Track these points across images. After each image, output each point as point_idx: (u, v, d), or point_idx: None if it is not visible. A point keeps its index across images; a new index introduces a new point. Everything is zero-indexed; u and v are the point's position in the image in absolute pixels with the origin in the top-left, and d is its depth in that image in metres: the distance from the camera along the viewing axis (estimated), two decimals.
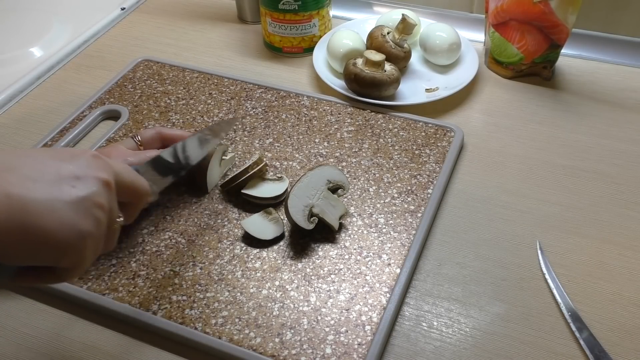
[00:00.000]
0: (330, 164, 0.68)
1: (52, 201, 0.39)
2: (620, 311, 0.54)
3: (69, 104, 0.80)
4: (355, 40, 0.81)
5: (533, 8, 0.74)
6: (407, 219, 0.62)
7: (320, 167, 0.62)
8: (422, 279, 0.58)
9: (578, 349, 0.52)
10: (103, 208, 0.42)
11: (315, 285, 0.56)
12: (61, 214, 0.39)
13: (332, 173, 0.62)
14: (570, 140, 0.72)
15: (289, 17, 0.84)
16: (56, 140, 0.73)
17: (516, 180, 0.67)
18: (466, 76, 0.79)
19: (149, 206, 0.64)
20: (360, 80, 0.75)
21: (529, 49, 0.78)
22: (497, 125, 0.75)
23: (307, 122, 0.74)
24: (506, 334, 0.53)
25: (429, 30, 0.83)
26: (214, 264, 0.59)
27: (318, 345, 0.52)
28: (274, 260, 0.59)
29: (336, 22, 0.93)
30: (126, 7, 1.01)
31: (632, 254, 0.59)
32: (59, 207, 0.39)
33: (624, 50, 0.85)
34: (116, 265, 0.59)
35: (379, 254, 0.59)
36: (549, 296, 0.56)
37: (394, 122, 0.74)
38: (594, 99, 0.78)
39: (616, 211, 0.63)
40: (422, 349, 0.53)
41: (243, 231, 0.61)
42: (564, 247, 0.60)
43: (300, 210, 0.58)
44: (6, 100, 0.82)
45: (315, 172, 0.61)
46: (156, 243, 0.61)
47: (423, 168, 0.67)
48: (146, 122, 0.75)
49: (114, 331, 0.55)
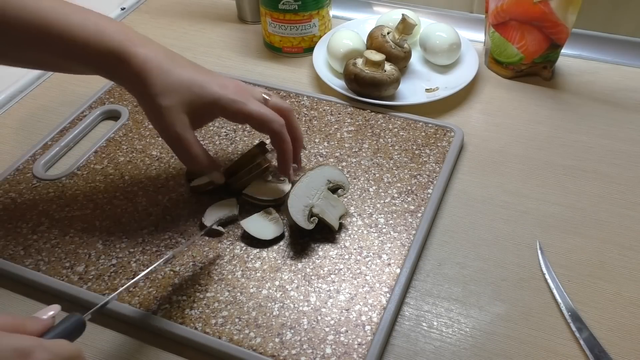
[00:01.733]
0: (330, 164, 0.68)
1: None
2: (620, 311, 0.54)
3: (69, 104, 0.80)
4: (355, 40, 0.81)
5: (533, 8, 0.74)
6: (407, 219, 0.62)
7: (321, 167, 0.62)
8: (422, 279, 0.58)
9: (578, 349, 0.52)
10: None
11: (315, 285, 0.56)
12: None
13: (332, 173, 0.62)
14: (570, 140, 0.72)
15: (289, 17, 0.84)
16: (56, 140, 0.73)
17: (516, 180, 0.67)
18: (466, 76, 0.79)
19: (150, 206, 0.64)
20: (360, 80, 0.75)
21: (529, 49, 0.78)
22: (497, 125, 0.75)
23: (307, 122, 0.74)
24: (506, 334, 0.53)
25: (429, 30, 0.83)
26: (214, 264, 0.59)
27: (318, 345, 0.52)
28: (274, 260, 0.59)
29: (336, 22, 0.93)
30: (126, 7, 1.01)
31: (632, 254, 0.59)
32: None
33: (624, 50, 0.85)
34: (116, 265, 0.59)
35: (379, 254, 0.59)
36: (549, 296, 0.56)
37: (394, 122, 0.74)
38: (594, 99, 0.78)
39: (616, 211, 0.63)
40: (422, 349, 0.53)
41: (243, 231, 0.61)
42: (564, 247, 0.60)
43: (300, 210, 0.58)
44: (6, 100, 0.82)
45: (316, 172, 0.61)
46: (156, 243, 0.61)
47: (423, 168, 0.67)
48: (146, 122, 0.75)
49: (114, 331, 0.55)
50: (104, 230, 0.62)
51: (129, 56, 0.55)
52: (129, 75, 0.56)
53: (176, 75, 0.56)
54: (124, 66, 0.55)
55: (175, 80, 0.56)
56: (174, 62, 0.57)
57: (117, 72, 0.56)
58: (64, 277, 0.58)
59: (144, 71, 0.55)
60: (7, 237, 0.62)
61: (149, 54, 0.56)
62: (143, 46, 0.56)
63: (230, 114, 0.58)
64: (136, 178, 0.68)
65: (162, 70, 0.56)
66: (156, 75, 0.55)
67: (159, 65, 0.56)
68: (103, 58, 0.55)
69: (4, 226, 0.63)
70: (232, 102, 0.57)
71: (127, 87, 0.58)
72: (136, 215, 0.64)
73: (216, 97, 0.57)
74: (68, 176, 0.69)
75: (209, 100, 0.57)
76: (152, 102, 0.56)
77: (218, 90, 0.57)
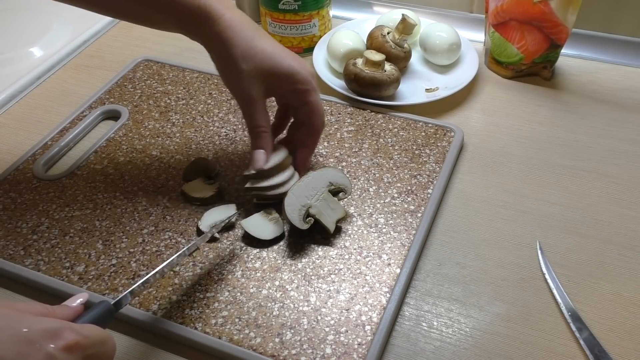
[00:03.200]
0: (331, 164, 0.68)
1: None
2: (620, 311, 0.54)
3: (69, 104, 0.80)
4: (355, 40, 0.81)
5: (533, 8, 0.74)
6: (407, 219, 0.62)
7: (324, 168, 0.62)
8: (422, 279, 0.58)
9: (578, 349, 0.52)
10: None
11: (315, 285, 0.56)
12: None
13: (335, 175, 0.62)
14: (570, 140, 0.72)
15: (289, 17, 0.84)
16: (56, 140, 0.73)
17: (516, 180, 0.67)
18: (466, 76, 0.79)
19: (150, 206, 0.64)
20: (360, 80, 0.75)
21: (529, 49, 0.78)
22: (497, 125, 0.75)
23: None
24: (506, 334, 0.53)
25: (429, 30, 0.83)
26: (214, 264, 0.59)
27: (318, 345, 0.52)
28: (274, 260, 0.59)
29: (336, 22, 0.93)
30: None
31: (632, 254, 0.59)
32: None
33: (624, 50, 0.85)
34: (116, 265, 0.59)
35: (379, 254, 0.59)
36: (549, 296, 0.56)
37: (394, 122, 0.74)
38: (594, 99, 0.78)
39: (616, 211, 0.63)
40: (422, 349, 0.53)
41: (243, 231, 0.61)
42: (564, 247, 0.60)
43: (297, 210, 0.58)
44: (6, 100, 0.82)
45: (317, 173, 0.61)
46: (156, 243, 0.61)
47: (423, 168, 0.67)
48: (146, 122, 0.75)
49: (114, 331, 0.55)
50: (104, 230, 0.62)
51: (216, 16, 0.58)
52: (214, 35, 0.58)
53: (259, 43, 0.59)
54: (210, 25, 0.58)
55: (258, 47, 0.59)
56: (257, 31, 0.60)
57: (202, 31, 0.59)
58: (64, 277, 0.58)
59: (229, 33, 0.58)
60: (7, 237, 0.62)
61: (236, 18, 0.59)
62: (231, 10, 0.59)
63: (300, 90, 0.61)
64: (136, 178, 0.68)
65: (246, 35, 0.58)
66: (240, 39, 0.58)
67: (244, 30, 0.58)
68: (192, 14, 0.58)
69: (4, 226, 0.63)
70: (305, 80, 0.60)
71: (208, 47, 0.60)
72: (136, 215, 0.64)
73: (295, 70, 0.60)
74: (68, 176, 0.69)
75: (288, 71, 0.60)
76: (232, 64, 0.58)
77: (296, 65, 0.60)
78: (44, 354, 0.37)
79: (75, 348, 0.38)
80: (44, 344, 0.37)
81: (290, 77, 0.60)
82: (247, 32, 0.59)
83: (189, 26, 0.60)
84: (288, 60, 0.60)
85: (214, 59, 0.61)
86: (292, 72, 0.60)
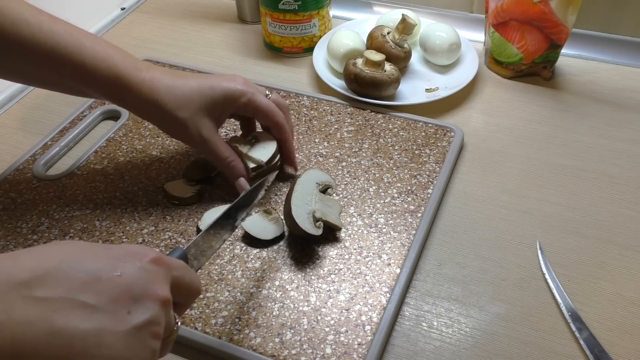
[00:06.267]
0: (331, 164, 0.68)
1: (102, 333, 0.34)
2: (620, 311, 0.54)
3: (69, 104, 0.80)
4: (355, 40, 0.81)
5: (533, 8, 0.74)
6: (407, 219, 0.62)
7: (306, 172, 0.62)
8: (422, 279, 0.58)
9: (578, 349, 0.52)
10: (159, 337, 0.38)
11: (315, 285, 0.56)
12: (111, 350, 0.35)
13: (318, 175, 0.62)
14: (570, 140, 0.72)
15: (289, 17, 0.84)
16: (56, 140, 0.73)
17: (516, 180, 0.67)
18: (466, 76, 0.79)
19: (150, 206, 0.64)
20: (360, 80, 0.75)
21: (529, 49, 0.78)
22: (497, 125, 0.75)
23: (307, 122, 0.74)
24: (506, 334, 0.53)
25: (429, 30, 0.83)
26: (214, 264, 0.59)
27: (318, 345, 0.52)
28: (274, 260, 0.59)
29: (336, 22, 0.93)
30: (126, 7, 1.01)
31: (632, 254, 0.59)
32: (111, 341, 0.34)
33: (624, 50, 0.85)
34: None
35: (379, 254, 0.59)
36: (549, 296, 0.56)
37: (394, 122, 0.74)
38: (594, 99, 0.78)
39: (616, 211, 0.63)
40: (422, 349, 0.53)
41: (243, 231, 0.61)
42: (564, 247, 0.60)
43: (306, 219, 0.58)
44: (6, 100, 0.82)
45: (304, 179, 0.61)
46: (156, 243, 0.61)
47: (423, 168, 0.67)
48: (146, 122, 0.75)
49: None
50: (104, 230, 0.62)
51: (136, 82, 0.58)
52: (141, 101, 0.58)
53: (184, 87, 0.59)
54: (133, 93, 0.58)
55: (185, 91, 0.59)
56: (176, 76, 0.60)
57: (127, 99, 0.59)
58: None
59: (154, 93, 0.58)
60: (7, 237, 0.62)
61: (155, 75, 0.58)
62: (147, 70, 0.59)
63: (241, 104, 0.61)
64: (136, 178, 0.68)
65: (169, 86, 0.58)
66: (165, 93, 0.58)
67: (166, 84, 0.59)
68: (111, 83, 0.57)
69: (4, 226, 0.63)
70: (242, 93, 0.61)
71: (140, 114, 0.61)
72: (136, 215, 0.64)
73: (227, 91, 0.60)
74: (68, 176, 0.69)
75: (222, 95, 0.60)
76: (172, 119, 0.59)
77: (227, 85, 0.60)
78: (133, 266, 0.37)
79: (161, 262, 0.39)
80: (129, 260, 0.38)
81: (229, 98, 0.60)
82: (170, 83, 0.59)
83: (113, 95, 0.59)
84: (217, 85, 0.60)
85: (155, 122, 0.61)
86: (227, 94, 0.60)
